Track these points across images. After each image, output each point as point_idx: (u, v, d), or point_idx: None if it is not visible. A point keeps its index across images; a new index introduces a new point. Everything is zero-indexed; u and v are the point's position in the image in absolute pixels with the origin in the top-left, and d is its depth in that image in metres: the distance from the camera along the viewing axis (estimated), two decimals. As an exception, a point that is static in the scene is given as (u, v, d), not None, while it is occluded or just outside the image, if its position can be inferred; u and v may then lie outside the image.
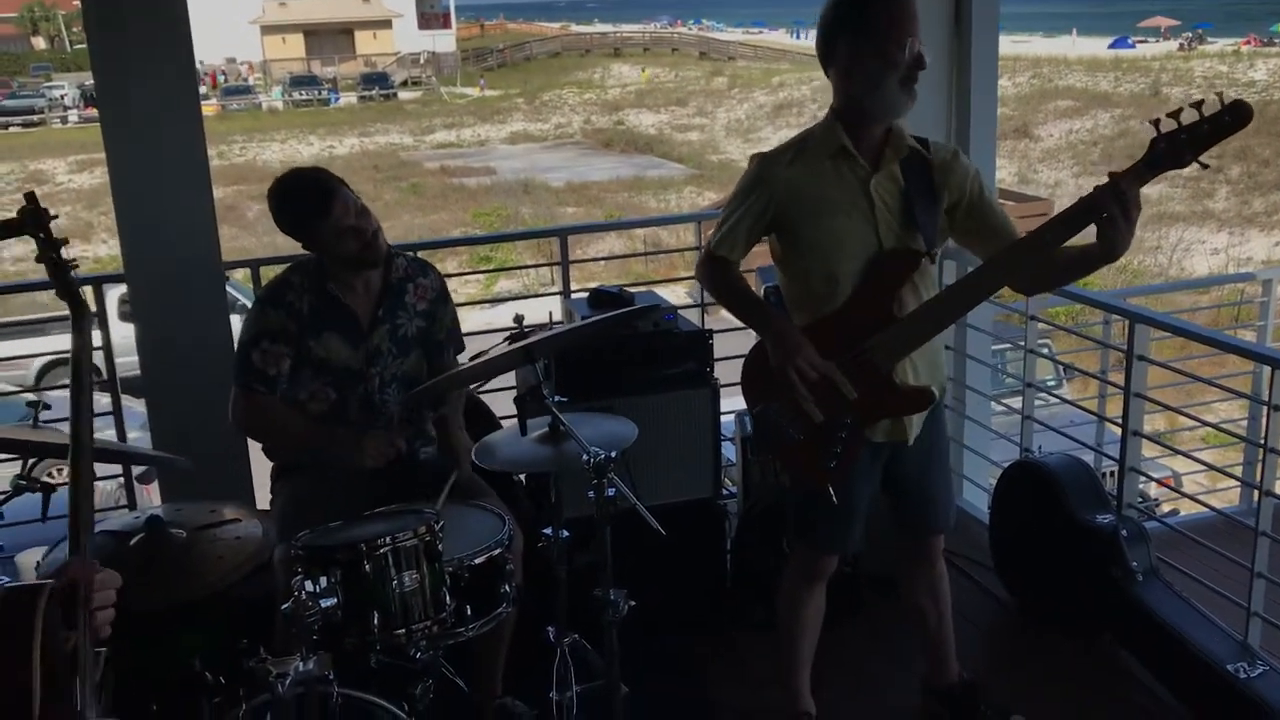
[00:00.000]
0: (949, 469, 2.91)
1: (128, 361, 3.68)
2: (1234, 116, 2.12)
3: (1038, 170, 28.78)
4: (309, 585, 2.17)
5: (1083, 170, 28.00)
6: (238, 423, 2.94)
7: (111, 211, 3.60)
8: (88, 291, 2.28)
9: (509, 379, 3.48)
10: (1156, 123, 2.21)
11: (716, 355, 3.59)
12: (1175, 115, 2.18)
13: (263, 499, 3.49)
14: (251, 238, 22.40)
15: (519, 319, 2.59)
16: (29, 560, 2.89)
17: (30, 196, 1.90)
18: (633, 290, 3.80)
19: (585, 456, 2.40)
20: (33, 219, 1.87)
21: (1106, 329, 4.61)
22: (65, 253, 1.91)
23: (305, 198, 2.83)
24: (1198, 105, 2.16)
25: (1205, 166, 2.20)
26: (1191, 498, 4.52)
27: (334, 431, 2.89)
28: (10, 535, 2.66)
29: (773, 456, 2.73)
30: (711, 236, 2.68)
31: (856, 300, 2.55)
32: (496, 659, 2.91)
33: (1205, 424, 4.41)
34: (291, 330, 2.87)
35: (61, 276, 1.86)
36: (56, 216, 1.92)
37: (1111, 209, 2.24)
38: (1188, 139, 2.16)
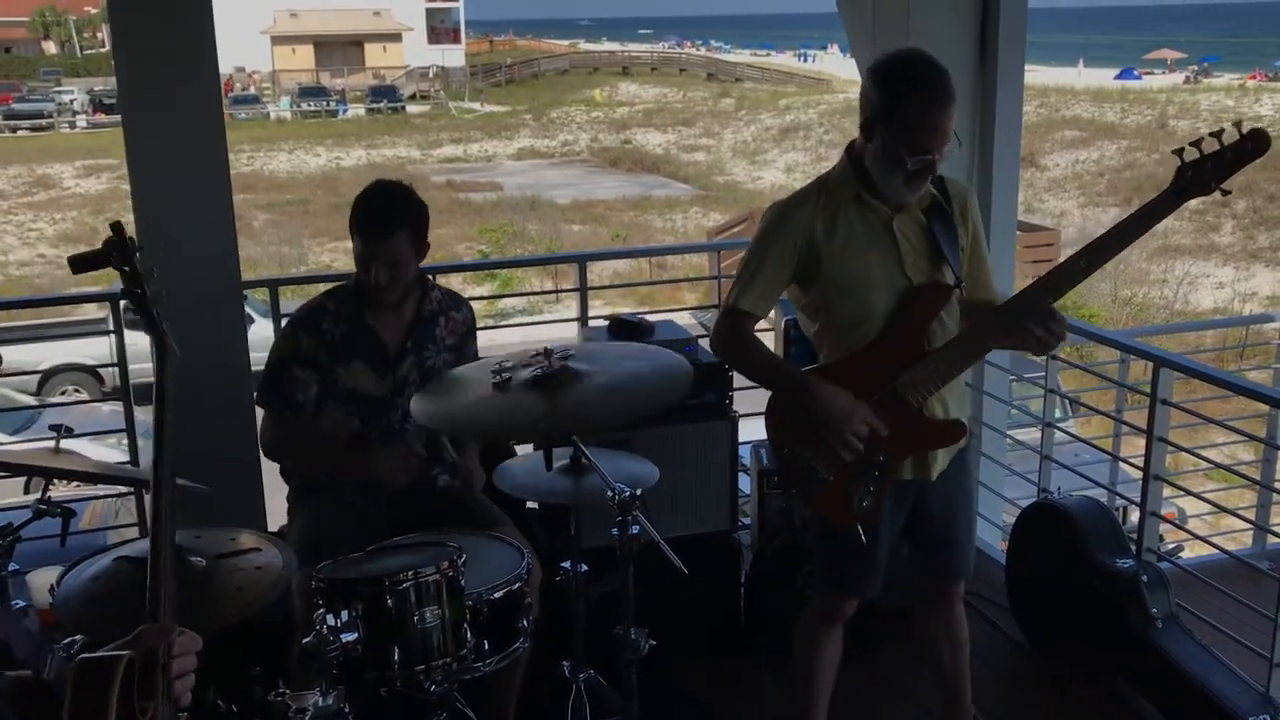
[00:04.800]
0: (974, 513, 2.89)
1: (137, 369, 3.67)
2: (1255, 144, 2.25)
3: (1044, 200, 28.79)
4: (330, 619, 2.15)
5: (1088, 201, 28.02)
6: (267, 448, 2.92)
7: (118, 217, 3.57)
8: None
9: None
10: (1180, 152, 2.32)
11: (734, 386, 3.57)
12: (1198, 145, 2.30)
13: (274, 515, 3.47)
14: (257, 247, 22.38)
15: (549, 353, 2.55)
16: (42, 580, 2.85)
17: (117, 227, 1.76)
18: (645, 316, 3.77)
19: (610, 493, 2.37)
20: (118, 251, 1.73)
21: (1123, 368, 4.59)
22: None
23: (365, 209, 2.82)
24: (1218, 135, 2.28)
25: (1227, 193, 2.31)
26: (1203, 539, 4.49)
27: (354, 456, 2.87)
28: (26, 553, 2.63)
29: (802, 500, 2.70)
30: (730, 293, 2.63)
31: (887, 336, 2.54)
32: (510, 692, 2.87)
33: (1226, 469, 4.38)
34: (322, 359, 2.86)
35: (147, 312, 1.73)
36: (143, 248, 1.79)
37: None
38: (1212, 167, 2.29)
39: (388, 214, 2.80)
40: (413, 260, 2.85)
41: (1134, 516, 4.86)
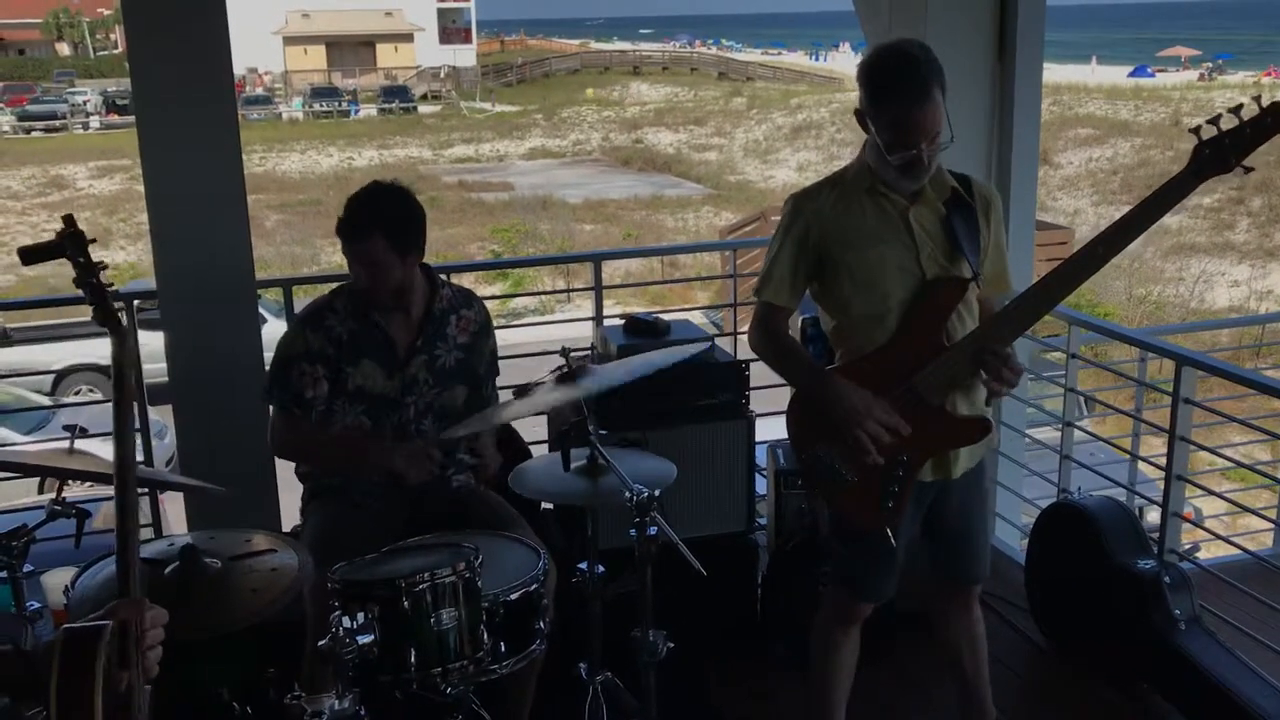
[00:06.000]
0: (989, 513, 2.86)
1: (151, 369, 3.66)
2: (1275, 118, 2.17)
3: (1057, 198, 28.66)
4: (346, 621, 2.13)
5: (1102, 199, 27.88)
6: (276, 447, 2.92)
7: (130, 218, 3.55)
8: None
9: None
10: (1197, 130, 2.25)
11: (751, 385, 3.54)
12: (1215, 121, 2.22)
13: (289, 514, 3.46)
14: (269, 248, 22.43)
15: (565, 352, 2.54)
16: (57, 581, 2.85)
17: (69, 219, 1.81)
18: (659, 315, 3.74)
19: (628, 494, 2.35)
20: (72, 242, 1.77)
21: (1142, 366, 4.55)
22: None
23: (346, 214, 2.81)
24: (1236, 110, 2.20)
25: (1249, 170, 2.24)
26: (1224, 539, 4.45)
27: (369, 446, 2.85)
28: (40, 554, 2.62)
29: (825, 502, 2.68)
30: (755, 286, 2.63)
31: (904, 331, 2.52)
32: (525, 694, 2.85)
33: (1250, 468, 4.33)
34: (329, 354, 2.84)
35: (101, 301, 1.79)
36: (94, 240, 1.84)
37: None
38: (1231, 143, 2.21)
39: (362, 216, 2.78)
40: (395, 264, 2.78)
41: (1151, 516, 4.83)
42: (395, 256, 2.78)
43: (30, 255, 1.80)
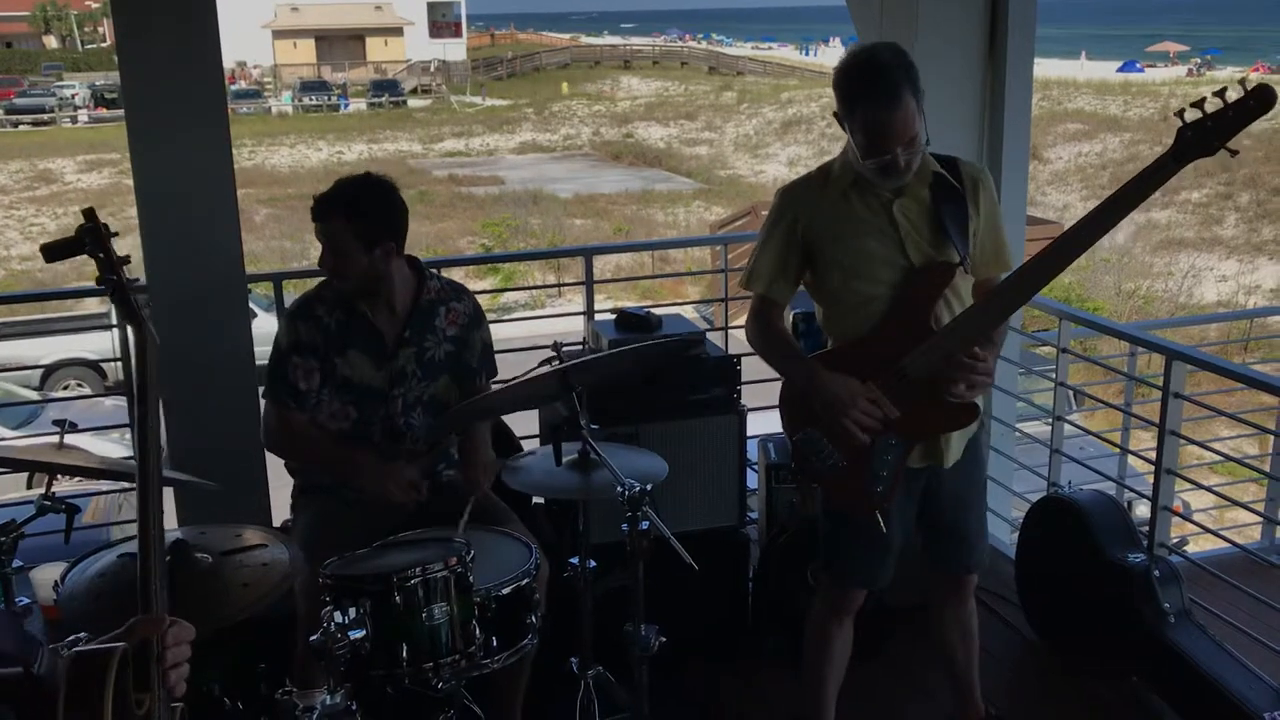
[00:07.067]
0: (985, 505, 2.86)
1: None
2: (1258, 100, 2.15)
3: (1046, 193, 28.73)
4: (337, 616, 2.13)
5: (1091, 194, 27.93)
6: (269, 440, 2.90)
7: (119, 212, 3.52)
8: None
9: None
10: (1181, 113, 2.23)
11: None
12: (1199, 105, 2.20)
13: (279, 509, 3.45)
14: (259, 242, 22.37)
15: (558, 346, 2.54)
16: (46, 576, 2.83)
17: (89, 213, 1.75)
18: (650, 309, 3.73)
19: (620, 489, 2.36)
20: (92, 237, 1.72)
21: (1131, 361, 4.56)
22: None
23: (321, 193, 2.82)
24: (1220, 93, 2.19)
25: (1234, 153, 2.21)
26: (1214, 533, 4.47)
27: (360, 461, 2.84)
28: (28, 549, 2.61)
29: (816, 486, 2.69)
30: (742, 278, 2.66)
31: (892, 317, 2.53)
32: (517, 689, 2.85)
33: (1240, 462, 4.35)
34: (319, 345, 2.84)
35: (123, 299, 1.72)
36: (117, 234, 1.78)
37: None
38: (1214, 126, 2.20)
39: (332, 197, 2.79)
40: (358, 251, 2.76)
41: (1140, 509, 4.85)
42: (358, 244, 2.76)
43: (52, 252, 1.77)
